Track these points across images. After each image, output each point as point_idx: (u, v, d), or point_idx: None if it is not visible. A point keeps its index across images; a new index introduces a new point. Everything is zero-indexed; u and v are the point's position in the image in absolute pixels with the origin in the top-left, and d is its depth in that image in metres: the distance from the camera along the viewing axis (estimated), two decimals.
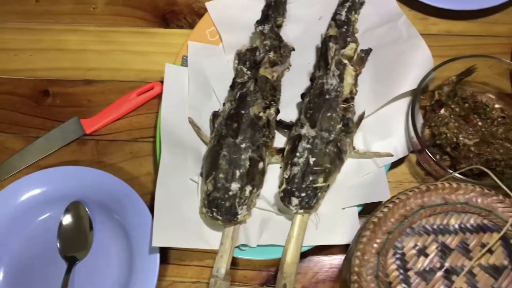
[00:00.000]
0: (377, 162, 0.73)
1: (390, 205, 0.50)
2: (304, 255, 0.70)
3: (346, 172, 0.74)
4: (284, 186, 0.70)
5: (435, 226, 0.49)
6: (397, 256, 0.48)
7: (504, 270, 0.47)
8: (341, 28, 0.77)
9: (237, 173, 0.69)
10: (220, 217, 0.68)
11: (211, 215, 0.68)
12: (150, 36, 0.87)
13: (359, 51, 0.77)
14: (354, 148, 0.73)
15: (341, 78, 0.72)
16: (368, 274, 0.47)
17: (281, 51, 0.79)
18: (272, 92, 0.74)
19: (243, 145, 0.70)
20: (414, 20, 0.85)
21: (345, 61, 0.73)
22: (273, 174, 0.75)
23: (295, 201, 0.68)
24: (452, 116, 0.73)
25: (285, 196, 0.69)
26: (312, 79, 0.75)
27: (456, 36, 0.84)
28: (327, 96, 0.71)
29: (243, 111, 0.72)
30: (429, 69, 0.74)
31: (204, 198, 0.69)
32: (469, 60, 0.74)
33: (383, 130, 0.74)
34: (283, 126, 0.76)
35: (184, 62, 0.80)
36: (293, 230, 0.68)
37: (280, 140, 0.76)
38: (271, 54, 0.76)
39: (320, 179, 0.68)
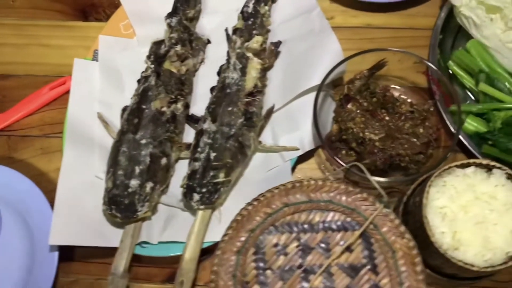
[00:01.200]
0: (283, 156, 0.72)
1: (255, 203, 0.49)
2: (208, 251, 0.69)
3: (254, 166, 0.73)
4: (185, 181, 0.69)
5: (298, 224, 0.48)
6: (258, 255, 0.48)
7: (362, 269, 0.46)
8: (248, 20, 0.75)
9: (137, 169, 0.68)
10: (118, 215, 0.67)
11: (110, 212, 0.67)
12: (68, 30, 0.86)
13: (269, 43, 0.75)
14: (260, 142, 0.72)
15: (243, 71, 0.71)
16: (226, 273, 0.46)
17: (193, 44, 0.77)
18: (178, 86, 0.73)
19: (143, 141, 0.69)
20: (334, 12, 0.84)
21: (249, 55, 0.72)
22: (185, 169, 0.74)
23: (196, 196, 0.67)
24: (359, 111, 0.72)
25: (187, 192, 0.68)
26: (219, 72, 0.74)
27: (375, 29, 0.83)
28: (228, 90, 0.70)
29: (144, 106, 0.71)
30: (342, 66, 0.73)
31: (104, 195, 0.69)
32: (378, 53, 0.73)
33: (291, 124, 0.73)
34: (193, 121, 0.75)
35: (96, 56, 0.79)
36: (194, 226, 0.67)
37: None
38: (178, 48, 0.74)
39: (221, 174, 0.67)
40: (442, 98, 0.71)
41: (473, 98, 0.76)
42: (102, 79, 0.77)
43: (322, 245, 0.47)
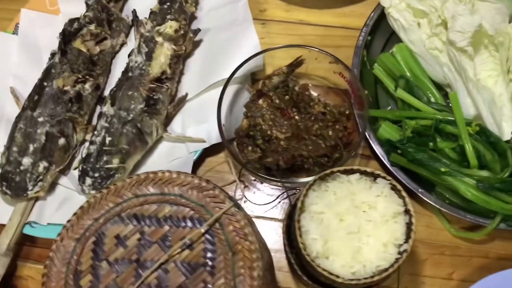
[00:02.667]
0: (188, 147, 0.69)
1: (104, 191, 0.47)
2: None
3: (158, 154, 0.71)
4: (79, 164, 0.67)
5: (145, 217, 0.46)
6: (97, 244, 0.46)
7: (199, 268, 0.44)
8: (164, 4, 0.73)
9: (31, 147, 0.66)
10: (8, 192, 0.66)
11: (1, 188, 0.66)
12: None
13: (182, 31, 0.72)
14: (166, 131, 0.70)
15: (148, 56, 0.69)
16: (61, 260, 0.45)
17: (113, 25, 0.75)
18: (88, 66, 0.71)
19: (40, 119, 0.67)
20: (269, 5, 0.82)
21: (159, 39, 0.69)
22: None
23: (88, 181, 0.66)
24: (269, 108, 0.69)
25: (81, 175, 0.67)
26: (130, 54, 0.72)
27: (307, 25, 0.80)
28: (130, 74, 0.68)
29: (45, 83, 0.69)
30: (257, 61, 0.71)
31: None
32: (294, 50, 0.70)
33: (202, 115, 0.71)
34: (102, 103, 0.73)
35: (17, 30, 0.77)
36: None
37: None
38: (92, 27, 0.72)
39: (115, 160, 0.65)
40: (355, 102, 0.69)
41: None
42: (20, 54, 0.76)
43: (164, 240, 0.45)
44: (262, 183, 0.71)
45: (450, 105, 0.67)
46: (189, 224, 0.46)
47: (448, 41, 0.66)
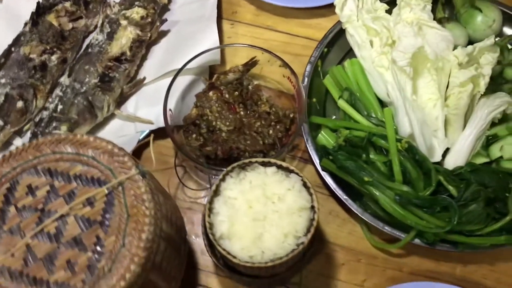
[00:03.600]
0: (136, 126, 0.74)
1: (27, 144, 0.51)
2: None
3: (108, 130, 0.75)
4: (31, 128, 0.72)
5: (58, 172, 0.50)
6: (10, 190, 0.49)
7: (94, 224, 0.48)
8: None
9: None
10: None
11: None
12: None
13: (149, 18, 0.77)
14: (118, 109, 0.74)
15: (110, 36, 0.73)
16: None
17: (90, 6, 0.80)
18: (57, 40, 0.76)
19: (2, 80, 0.72)
20: (240, 7, 0.86)
21: (123, 22, 0.74)
22: None
23: None
24: (218, 101, 0.73)
25: (31, 138, 0.71)
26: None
27: (273, 31, 0.84)
28: (90, 50, 0.73)
29: (13, 49, 0.74)
30: (214, 55, 0.75)
31: None
32: (255, 51, 0.74)
33: (155, 99, 0.75)
34: None
35: None
36: None
37: None
38: (67, 4, 0.77)
39: (63, 127, 0.70)
40: (298, 106, 0.72)
41: None
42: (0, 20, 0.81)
43: (70, 195, 0.49)
44: (201, 171, 0.75)
45: None
46: (96, 184, 0.49)
47: (391, 60, 0.69)
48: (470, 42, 0.76)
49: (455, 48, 0.71)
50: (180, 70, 0.71)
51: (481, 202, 0.64)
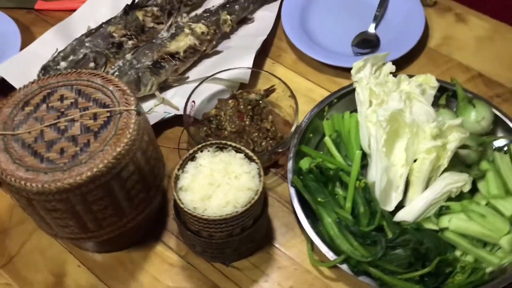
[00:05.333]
0: (165, 108, 0.92)
1: (74, 70, 0.71)
2: None
3: (144, 105, 0.94)
4: None
5: (81, 92, 0.68)
6: (49, 94, 0.69)
7: (90, 132, 0.65)
8: (206, 13, 0.99)
9: (70, 57, 0.94)
10: None
11: (39, 75, 0.94)
12: None
13: (208, 36, 0.97)
14: (159, 91, 0.94)
15: (173, 36, 0.94)
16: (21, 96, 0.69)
17: (172, 17, 1.03)
18: (137, 31, 0.98)
19: (87, 44, 0.95)
20: (285, 53, 1.04)
21: (187, 30, 0.95)
22: None
23: None
24: (233, 108, 0.89)
25: None
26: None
27: (304, 79, 1.00)
28: (154, 41, 0.94)
29: (104, 25, 0.97)
30: (244, 75, 0.92)
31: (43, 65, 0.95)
32: (275, 80, 0.91)
33: (188, 94, 0.93)
34: None
35: None
36: None
37: None
38: (156, 9, 1.01)
39: None
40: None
41: None
42: (106, 6, 1.06)
43: (85, 109, 0.67)
44: None
45: None
46: (105, 107, 0.67)
47: (376, 115, 0.82)
48: None
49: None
50: (210, 76, 0.89)
51: (408, 250, 0.72)
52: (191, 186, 0.70)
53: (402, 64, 0.99)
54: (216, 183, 0.70)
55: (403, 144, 0.80)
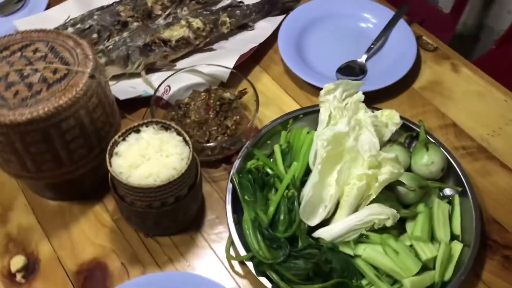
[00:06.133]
0: (145, 88, 1.00)
1: (59, 31, 0.80)
2: None
3: (127, 81, 1.02)
4: None
5: (55, 50, 0.77)
6: (26, 45, 0.78)
7: (46, 83, 0.73)
8: (206, 11, 1.07)
9: (78, 25, 1.04)
10: None
11: None
12: None
13: (204, 32, 1.04)
14: (144, 71, 1.02)
15: (168, 25, 1.02)
16: None
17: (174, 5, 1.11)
18: (144, 15, 1.07)
19: (95, 17, 1.05)
20: (276, 64, 1.09)
21: (183, 22, 1.02)
22: None
23: None
24: (203, 100, 0.95)
25: None
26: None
27: (284, 92, 1.05)
28: (150, 25, 1.02)
29: (115, 4, 1.07)
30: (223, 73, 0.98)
31: None
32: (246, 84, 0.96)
33: (171, 81, 0.99)
34: None
35: None
36: None
37: None
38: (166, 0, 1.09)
39: (103, 59, 0.99)
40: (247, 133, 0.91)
41: None
42: None
43: (50, 63, 0.75)
44: None
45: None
46: (66, 65, 0.75)
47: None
48: (409, 170, 0.88)
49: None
50: (190, 67, 0.96)
51: (310, 263, 0.74)
52: (124, 153, 0.76)
53: (381, 97, 1.02)
54: (147, 156, 0.76)
55: (342, 166, 0.83)
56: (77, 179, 0.82)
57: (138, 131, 0.80)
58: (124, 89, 0.99)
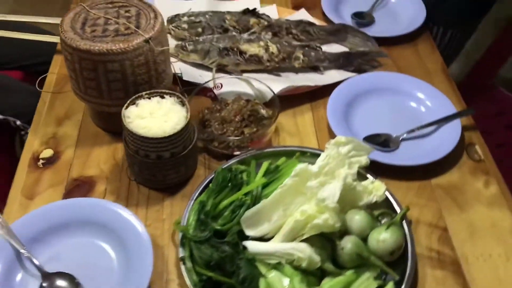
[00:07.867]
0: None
1: None
2: None
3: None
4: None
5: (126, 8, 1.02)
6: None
7: (125, 33, 0.97)
8: (285, 42, 1.22)
9: (191, 17, 1.29)
10: None
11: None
12: None
13: (276, 59, 1.20)
14: (213, 65, 1.21)
15: (249, 41, 1.20)
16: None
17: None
18: (243, 28, 1.28)
19: (207, 16, 1.28)
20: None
21: (262, 43, 1.20)
22: None
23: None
24: (240, 105, 1.10)
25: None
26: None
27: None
28: (235, 35, 1.22)
29: (227, 12, 1.30)
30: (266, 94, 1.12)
31: None
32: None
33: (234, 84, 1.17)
34: None
35: None
36: None
37: None
38: (266, 23, 1.28)
39: (191, 47, 1.22)
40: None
41: None
42: None
43: (128, 18, 1.00)
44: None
45: None
46: (136, 26, 0.98)
47: None
48: (363, 239, 0.90)
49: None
50: (244, 77, 1.13)
51: (217, 255, 0.84)
52: (138, 112, 0.95)
53: (396, 172, 1.04)
54: (156, 115, 0.95)
55: (297, 198, 0.90)
56: (114, 115, 1.04)
57: (163, 97, 0.99)
58: (193, 73, 1.20)
